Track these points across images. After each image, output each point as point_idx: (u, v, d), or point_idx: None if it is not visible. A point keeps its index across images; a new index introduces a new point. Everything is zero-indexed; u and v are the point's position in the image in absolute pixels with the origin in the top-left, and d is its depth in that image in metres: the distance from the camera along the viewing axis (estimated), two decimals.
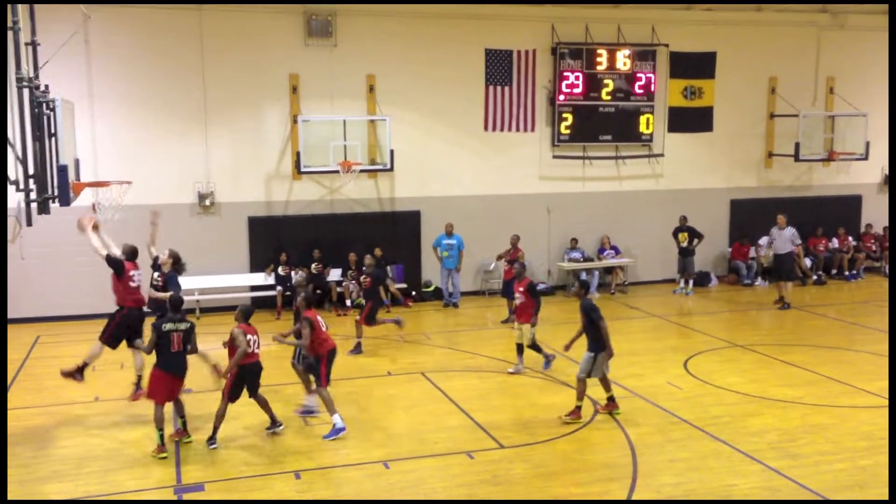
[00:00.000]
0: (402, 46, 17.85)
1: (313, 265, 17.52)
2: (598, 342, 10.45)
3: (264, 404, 10.01)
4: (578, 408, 10.49)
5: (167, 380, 9.58)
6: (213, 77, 16.96)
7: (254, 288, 17.57)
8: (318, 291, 17.06)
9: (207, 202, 17.17)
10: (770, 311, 17.39)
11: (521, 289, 12.88)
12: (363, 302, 17.30)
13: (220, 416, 9.70)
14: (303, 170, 17.04)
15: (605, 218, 19.50)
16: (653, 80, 19.29)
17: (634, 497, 8.26)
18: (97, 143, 16.12)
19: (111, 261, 10.96)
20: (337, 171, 17.04)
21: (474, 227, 18.23)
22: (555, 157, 19.17)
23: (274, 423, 10.10)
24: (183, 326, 9.65)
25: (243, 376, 9.74)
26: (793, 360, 13.17)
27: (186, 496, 8.36)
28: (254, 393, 9.93)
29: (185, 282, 16.80)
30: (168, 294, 10.81)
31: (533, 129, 18.97)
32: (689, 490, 8.40)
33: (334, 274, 17.70)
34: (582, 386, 10.50)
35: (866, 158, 20.20)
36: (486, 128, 18.72)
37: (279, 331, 11.63)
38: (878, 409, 10.82)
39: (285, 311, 16.89)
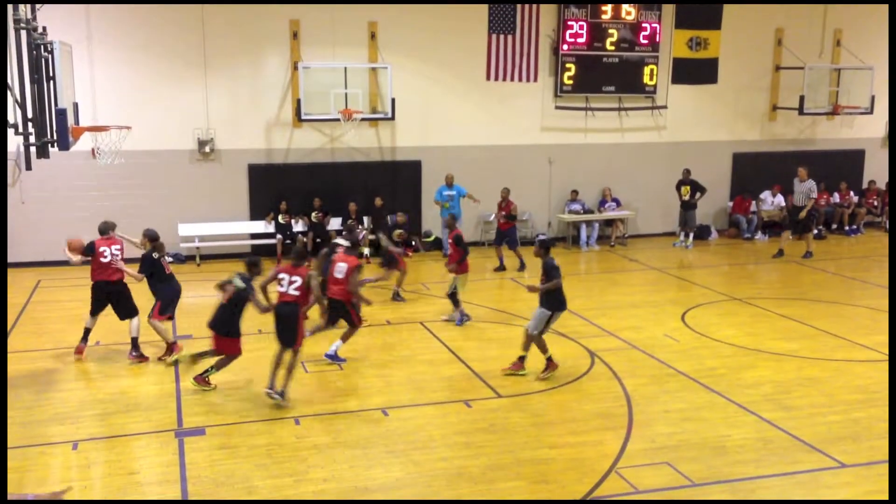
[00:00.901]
0: None
1: (314, 214, 17.50)
2: (554, 302, 10.27)
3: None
4: (522, 358, 10.37)
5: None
6: (213, 22, 16.73)
7: (254, 236, 17.60)
8: (319, 240, 17.07)
9: (207, 149, 17.09)
10: (769, 265, 17.43)
11: (449, 240, 13.05)
12: (364, 251, 17.38)
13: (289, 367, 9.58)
14: (303, 117, 16.92)
15: (607, 170, 19.42)
16: (658, 31, 19.04)
17: (629, 446, 8.38)
18: (96, 87, 15.98)
19: (85, 251, 10.89)
20: (338, 119, 16.92)
21: (475, 177, 18.15)
22: (557, 107, 19.02)
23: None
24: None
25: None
26: (790, 314, 13.24)
27: (187, 439, 8.48)
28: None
29: (185, 229, 16.96)
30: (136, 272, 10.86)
31: (535, 80, 18.78)
32: (682, 440, 8.52)
33: (334, 223, 17.69)
34: (530, 340, 10.31)
35: (871, 113, 20.05)
36: (488, 77, 18.53)
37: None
38: (873, 363, 10.92)
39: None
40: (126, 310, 11.12)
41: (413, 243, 18.05)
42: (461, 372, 10.62)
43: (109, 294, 10.98)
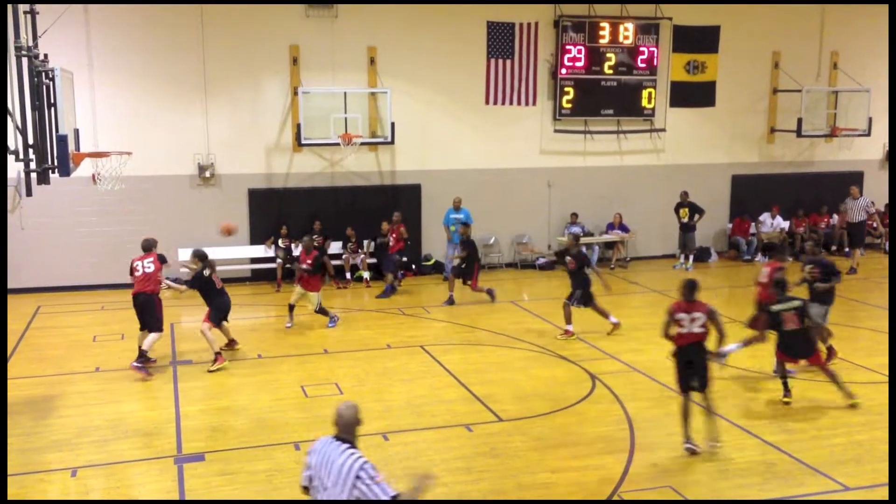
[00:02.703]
0: (403, 18, 17.71)
1: (314, 237, 17.48)
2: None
3: None
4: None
5: None
6: (213, 48, 16.85)
7: (254, 260, 17.60)
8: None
9: (207, 174, 17.14)
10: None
11: (308, 260, 13.66)
12: (364, 275, 17.41)
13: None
14: (303, 142, 16.99)
15: (607, 193, 19.46)
16: (655, 54, 19.17)
17: (631, 469, 8.32)
18: (97, 113, 16.05)
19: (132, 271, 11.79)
20: (337, 144, 16.98)
21: (475, 201, 18.16)
22: (556, 131, 19.10)
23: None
24: None
25: None
26: None
27: (186, 465, 8.42)
28: None
29: (186, 253, 16.92)
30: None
31: (534, 103, 18.88)
32: (685, 464, 8.46)
33: (334, 247, 17.70)
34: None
35: (868, 135, 20.11)
36: (487, 101, 18.63)
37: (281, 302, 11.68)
38: (875, 385, 10.87)
39: (286, 284, 16.93)
40: (149, 322, 11.56)
41: (413, 267, 18.12)
42: (462, 395, 10.57)
43: (137, 304, 11.53)
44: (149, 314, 11.53)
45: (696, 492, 7.80)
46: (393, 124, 17.25)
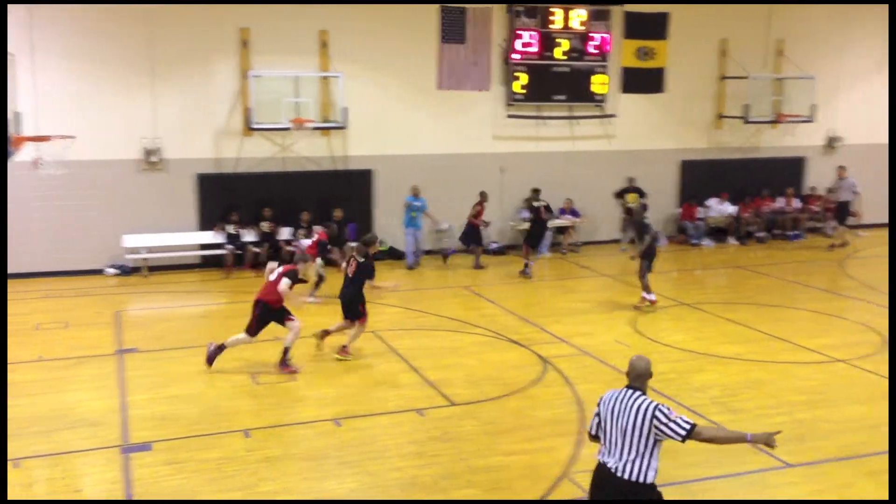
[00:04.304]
0: (355, 2, 17.52)
1: (264, 223, 17.31)
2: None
3: None
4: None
5: None
6: (160, 29, 16.47)
7: (203, 246, 17.34)
8: (272, 250, 16.94)
9: (154, 158, 16.80)
10: (716, 271, 17.75)
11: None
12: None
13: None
14: (253, 126, 16.76)
15: (559, 178, 19.57)
16: (607, 41, 19.29)
17: (582, 451, 8.43)
18: (39, 96, 15.57)
19: None
20: (289, 129, 16.79)
21: (429, 186, 18.12)
22: (509, 116, 19.14)
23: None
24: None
25: None
26: (736, 318, 13.48)
27: (133, 455, 8.30)
28: None
29: (131, 240, 16.66)
30: None
31: (487, 88, 18.88)
32: None
33: (285, 233, 17.53)
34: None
35: (812, 121, 20.56)
36: (440, 86, 18.57)
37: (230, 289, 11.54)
38: (816, 365, 11.18)
39: (236, 270, 16.74)
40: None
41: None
42: (414, 381, 10.59)
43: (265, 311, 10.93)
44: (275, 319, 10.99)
45: None
46: (345, 109, 17.11)
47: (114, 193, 16.66)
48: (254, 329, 10.81)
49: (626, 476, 5.51)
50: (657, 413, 5.50)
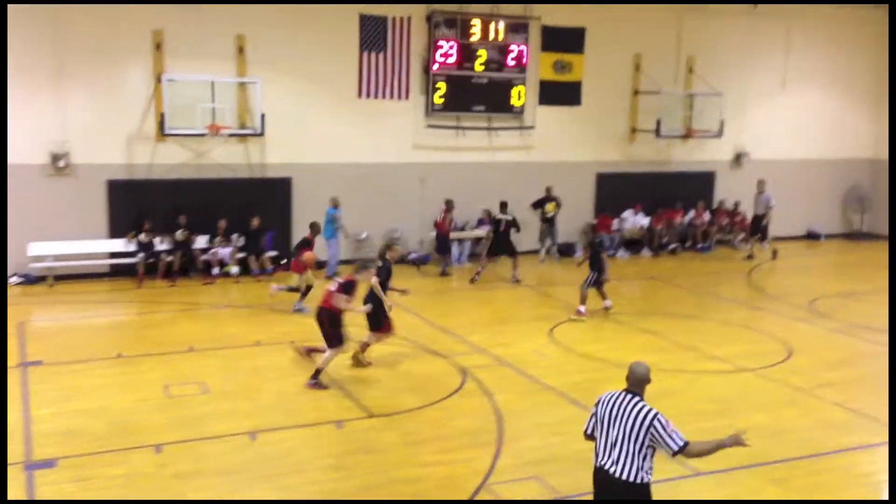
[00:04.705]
0: (273, 7, 17.28)
1: (179, 232, 16.86)
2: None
3: None
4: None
5: None
6: (69, 29, 15.89)
7: (113, 255, 16.77)
8: (186, 259, 16.54)
9: (61, 163, 16.17)
10: (630, 282, 18.16)
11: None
12: (232, 270, 16.95)
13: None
14: (167, 132, 16.33)
15: (478, 188, 19.71)
16: (525, 53, 19.58)
17: (499, 461, 8.48)
18: None
19: None
20: (204, 135, 16.43)
21: (348, 195, 17.97)
22: (429, 126, 19.20)
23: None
24: None
25: None
26: (649, 328, 13.83)
27: (37, 472, 7.94)
28: None
29: (37, 248, 15.98)
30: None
31: (407, 98, 18.91)
32: (551, 454, 8.71)
33: (201, 241, 17.13)
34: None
35: (721, 136, 21.31)
36: (360, 95, 18.49)
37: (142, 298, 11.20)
38: (723, 374, 11.57)
39: (147, 279, 16.27)
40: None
41: (283, 262, 17.78)
42: (332, 392, 10.46)
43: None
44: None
45: (561, 481, 8.04)
46: (263, 116, 16.85)
47: (18, 199, 15.94)
48: (334, 339, 10.62)
49: (623, 477, 5.74)
50: (655, 423, 5.74)
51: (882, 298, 16.01)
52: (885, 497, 8.02)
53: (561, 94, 20.43)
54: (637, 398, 5.91)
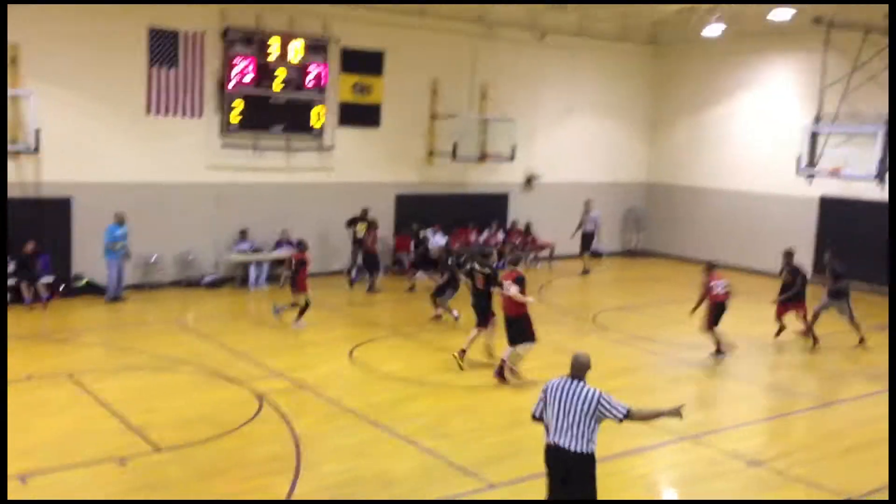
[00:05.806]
0: (52, 16, 16.04)
1: None
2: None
3: None
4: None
5: None
6: None
7: None
8: None
9: None
10: (427, 302, 18.44)
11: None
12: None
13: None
14: None
15: (277, 209, 19.31)
16: (324, 74, 19.48)
17: (298, 487, 8.26)
18: None
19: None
20: None
21: (136, 215, 16.95)
22: (224, 145, 18.59)
23: None
24: None
25: None
26: (447, 346, 14.04)
27: None
28: None
29: None
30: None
31: (201, 116, 18.20)
32: (352, 476, 8.62)
33: None
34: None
35: (512, 160, 22.27)
36: (149, 111, 17.57)
37: None
38: (517, 389, 11.94)
39: None
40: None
41: (62, 287, 16.48)
42: (114, 427, 9.75)
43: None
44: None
45: None
46: (38, 131, 15.58)
47: None
48: (529, 335, 12.09)
49: (573, 449, 6.62)
50: (601, 399, 6.67)
51: (656, 311, 17.36)
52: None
53: (361, 115, 20.51)
54: (583, 383, 6.78)
